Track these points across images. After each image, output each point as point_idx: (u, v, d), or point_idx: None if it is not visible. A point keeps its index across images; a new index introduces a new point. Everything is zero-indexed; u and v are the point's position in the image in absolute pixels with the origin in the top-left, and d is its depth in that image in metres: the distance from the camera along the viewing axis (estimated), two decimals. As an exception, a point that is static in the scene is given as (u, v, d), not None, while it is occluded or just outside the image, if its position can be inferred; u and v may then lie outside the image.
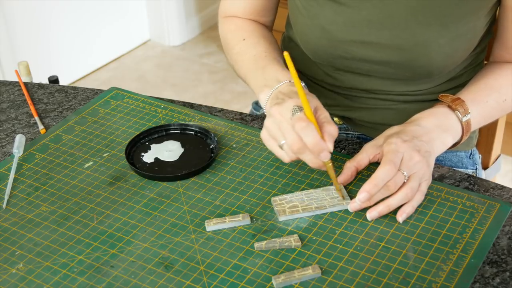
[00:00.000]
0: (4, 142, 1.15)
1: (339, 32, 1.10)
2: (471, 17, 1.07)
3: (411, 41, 1.07)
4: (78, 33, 2.98)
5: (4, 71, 2.69)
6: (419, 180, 0.95)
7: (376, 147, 1.00)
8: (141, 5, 3.23)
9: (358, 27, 1.09)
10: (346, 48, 1.11)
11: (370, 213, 0.94)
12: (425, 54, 1.07)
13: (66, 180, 1.05)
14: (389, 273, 0.87)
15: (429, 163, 0.97)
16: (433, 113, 1.04)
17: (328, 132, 0.94)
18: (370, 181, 0.93)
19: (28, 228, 0.96)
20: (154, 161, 1.07)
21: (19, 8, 2.70)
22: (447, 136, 1.03)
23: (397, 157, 0.94)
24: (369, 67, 1.13)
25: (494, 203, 0.97)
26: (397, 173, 0.94)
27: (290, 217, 0.96)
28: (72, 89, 1.28)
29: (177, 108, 1.20)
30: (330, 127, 0.95)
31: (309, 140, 0.92)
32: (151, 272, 0.89)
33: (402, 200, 0.94)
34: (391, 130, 1.01)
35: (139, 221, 0.97)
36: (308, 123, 0.92)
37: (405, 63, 1.09)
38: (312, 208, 0.96)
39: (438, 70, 1.10)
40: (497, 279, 0.86)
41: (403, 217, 0.94)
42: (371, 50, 1.10)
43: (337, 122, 1.26)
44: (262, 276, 0.87)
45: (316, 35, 1.13)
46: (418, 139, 0.98)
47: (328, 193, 0.99)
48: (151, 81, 3.06)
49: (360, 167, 1.00)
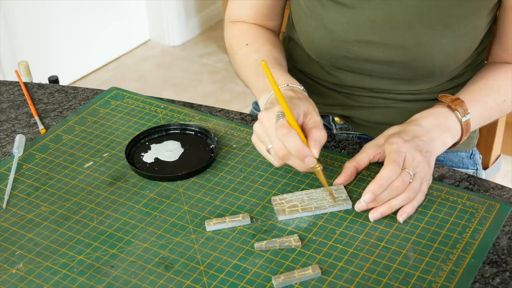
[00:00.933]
0: (4, 142, 1.15)
1: (342, 33, 1.11)
2: (473, 17, 1.07)
3: (413, 41, 1.07)
4: (78, 33, 2.98)
5: (4, 71, 2.69)
6: (420, 181, 0.95)
7: (377, 147, 1.00)
8: (141, 5, 3.23)
9: (361, 27, 1.09)
10: (349, 48, 1.11)
11: (372, 213, 0.94)
12: (428, 53, 1.07)
13: (66, 180, 1.05)
14: (389, 273, 0.87)
15: (429, 163, 0.97)
16: (433, 113, 1.04)
17: (314, 138, 0.94)
18: (375, 181, 0.93)
19: (28, 228, 0.96)
20: (154, 161, 1.07)
21: (19, 8, 2.70)
22: (447, 136, 1.03)
23: (400, 157, 0.94)
24: (372, 67, 1.13)
25: (494, 203, 0.97)
26: (403, 172, 0.94)
27: (289, 216, 0.96)
28: (72, 89, 1.28)
29: (177, 108, 1.20)
30: (316, 132, 0.94)
31: (291, 147, 0.92)
32: (151, 272, 0.89)
33: (405, 201, 0.94)
34: (391, 130, 1.01)
35: (139, 221, 0.97)
36: (289, 130, 0.92)
37: (408, 63, 1.09)
38: (312, 208, 0.96)
39: (440, 69, 1.10)
40: (497, 279, 0.86)
41: (404, 217, 0.94)
42: (374, 50, 1.10)
43: (338, 122, 1.26)
44: (262, 276, 0.87)
45: (320, 35, 1.13)
46: (418, 139, 0.98)
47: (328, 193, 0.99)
48: (151, 81, 3.06)
49: (360, 167, 1.00)
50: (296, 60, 1.27)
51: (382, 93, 1.18)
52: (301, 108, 0.97)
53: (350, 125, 1.25)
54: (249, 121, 1.17)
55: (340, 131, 1.27)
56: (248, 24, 1.23)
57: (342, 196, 0.98)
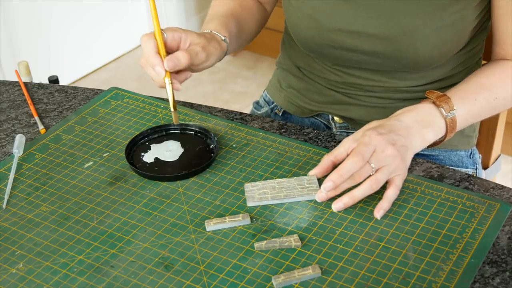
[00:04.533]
0: (4, 142, 1.15)
1: (326, 21, 1.13)
2: (456, 7, 1.07)
3: (396, 31, 1.08)
4: (78, 33, 2.98)
5: (4, 71, 2.69)
6: (388, 174, 0.96)
7: (354, 141, 1.00)
8: (141, 5, 3.23)
9: (345, 17, 1.11)
10: (333, 37, 1.13)
11: (335, 204, 0.96)
12: (411, 44, 1.09)
13: (66, 180, 1.05)
14: (389, 273, 0.87)
15: (404, 158, 0.98)
16: (416, 108, 1.04)
17: (173, 55, 1.02)
18: (336, 171, 0.95)
19: (28, 228, 0.96)
20: (154, 161, 1.07)
21: (19, 8, 2.70)
22: (428, 132, 1.03)
23: (368, 149, 0.95)
24: (358, 57, 1.14)
25: (494, 203, 0.97)
26: (365, 165, 0.95)
27: (258, 203, 0.98)
28: (72, 89, 1.28)
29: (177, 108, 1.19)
30: (178, 52, 1.03)
31: (144, 52, 1.03)
32: (151, 272, 0.89)
33: (366, 191, 0.95)
34: (371, 124, 1.02)
35: (139, 221, 0.97)
36: (148, 38, 1.03)
37: (392, 53, 1.11)
38: (281, 196, 0.98)
39: (425, 61, 1.11)
40: (497, 279, 0.86)
41: (381, 213, 0.95)
42: (357, 40, 1.12)
43: (338, 121, 1.27)
44: (262, 276, 0.87)
45: (305, 25, 1.16)
46: (395, 133, 0.99)
47: (300, 182, 1.00)
48: (151, 81, 3.04)
49: (337, 161, 1.00)
50: (295, 58, 1.28)
51: (378, 92, 1.19)
52: (188, 36, 1.06)
53: (350, 124, 1.26)
54: (249, 121, 1.17)
55: (340, 130, 1.27)
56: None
57: (313, 186, 0.99)
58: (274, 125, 1.16)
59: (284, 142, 1.10)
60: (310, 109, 1.28)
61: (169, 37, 1.04)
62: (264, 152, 1.08)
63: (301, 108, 1.29)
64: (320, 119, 1.30)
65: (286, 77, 1.32)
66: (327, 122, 1.29)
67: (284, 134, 1.14)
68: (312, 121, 1.30)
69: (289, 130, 1.15)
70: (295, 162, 1.06)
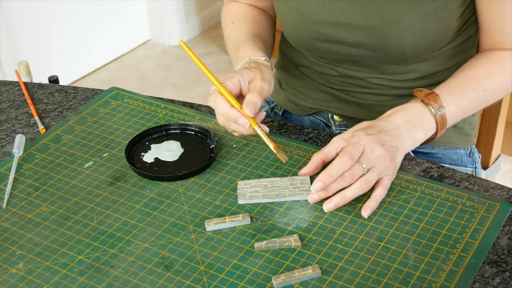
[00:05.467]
0: (4, 142, 1.15)
1: (312, 14, 1.14)
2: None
3: (379, 21, 1.09)
4: (78, 33, 2.98)
5: (4, 71, 2.69)
6: (378, 174, 0.97)
7: (344, 140, 1.00)
8: (141, 5, 3.23)
9: (330, 8, 1.12)
10: (320, 30, 1.14)
11: (326, 204, 0.96)
12: (395, 33, 1.09)
13: (66, 180, 1.05)
14: (389, 273, 0.87)
15: (393, 158, 0.98)
16: (405, 108, 1.04)
17: (246, 100, 1.01)
18: (325, 171, 0.95)
19: (28, 228, 0.96)
20: (154, 161, 1.07)
21: (19, 8, 2.70)
22: (418, 132, 1.03)
23: (357, 149, 0.96)
24: (347, 50, 1.15)
25: (494, 203, 0.97)
26: (355, 165, 0.96)
27: (249, 201, 0.98)
28: (72, 89, 1.28)
29: (177, 108, 1.20)
30: (249, 95, 1.01)
31: (219, 112, 1.02)
32: (151, 272, 0.89)
33: (357, 191, 0.95)
34: (361, 125, 1.02)
35: (139, 221, 0.97)
36: (215, 97, 1.02)
37: (377, 44, 1.11)
38: (272, 195, 0.98)
39: (411, 50, 1.11)
40: (497, 279, 0.86)
41: (368, 212, 0.95)
42: (343, 32, 1.13)
43: (337, 119, 1.27)
44: (262, 276, 0.87)
45: (292, 18, 1.17)
46: (384, 133, 0.99)
47: (293, 182, 1.00)
48: (151, 81, 3.06)
49: (327, 160, 1.01)
50: (294, 56, 1.28)
51: (374, 89, 1.20)
52: (244, 76, 1.04)
53: (350, 123, 1.26)
54: (249, 121, 1.17)
55: (339, 128, 1.27)
56: (239, 4, 1.29)
57: (305, 186, 0.99)
58: (274, 125, 1.16)
59: (284, 142, 1.10)
60: (309, 107, 1.28)
61: (231, 87, 1.03)
62: (264, 152, 1.08)
63: (300, 106, 1.30)
64: (320, 117, 1.30)
65: (285, 77, 1.32)
66: (326, 120, 1.29)
67: (284, 134, 1.14)
68: (312, 119, 1.31)
69: (289, 130, 1.15)
70: (295, 162, 1.06)
